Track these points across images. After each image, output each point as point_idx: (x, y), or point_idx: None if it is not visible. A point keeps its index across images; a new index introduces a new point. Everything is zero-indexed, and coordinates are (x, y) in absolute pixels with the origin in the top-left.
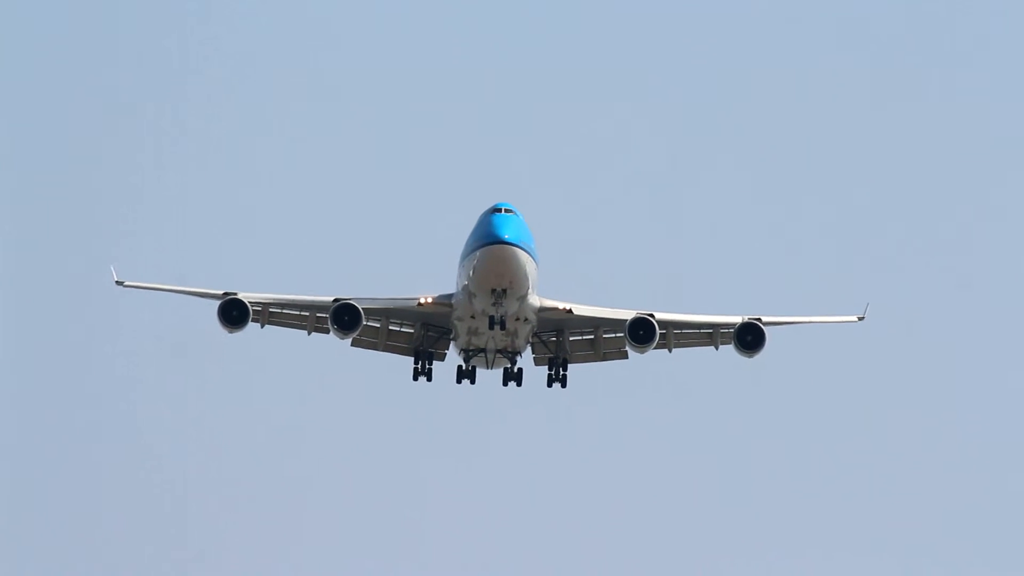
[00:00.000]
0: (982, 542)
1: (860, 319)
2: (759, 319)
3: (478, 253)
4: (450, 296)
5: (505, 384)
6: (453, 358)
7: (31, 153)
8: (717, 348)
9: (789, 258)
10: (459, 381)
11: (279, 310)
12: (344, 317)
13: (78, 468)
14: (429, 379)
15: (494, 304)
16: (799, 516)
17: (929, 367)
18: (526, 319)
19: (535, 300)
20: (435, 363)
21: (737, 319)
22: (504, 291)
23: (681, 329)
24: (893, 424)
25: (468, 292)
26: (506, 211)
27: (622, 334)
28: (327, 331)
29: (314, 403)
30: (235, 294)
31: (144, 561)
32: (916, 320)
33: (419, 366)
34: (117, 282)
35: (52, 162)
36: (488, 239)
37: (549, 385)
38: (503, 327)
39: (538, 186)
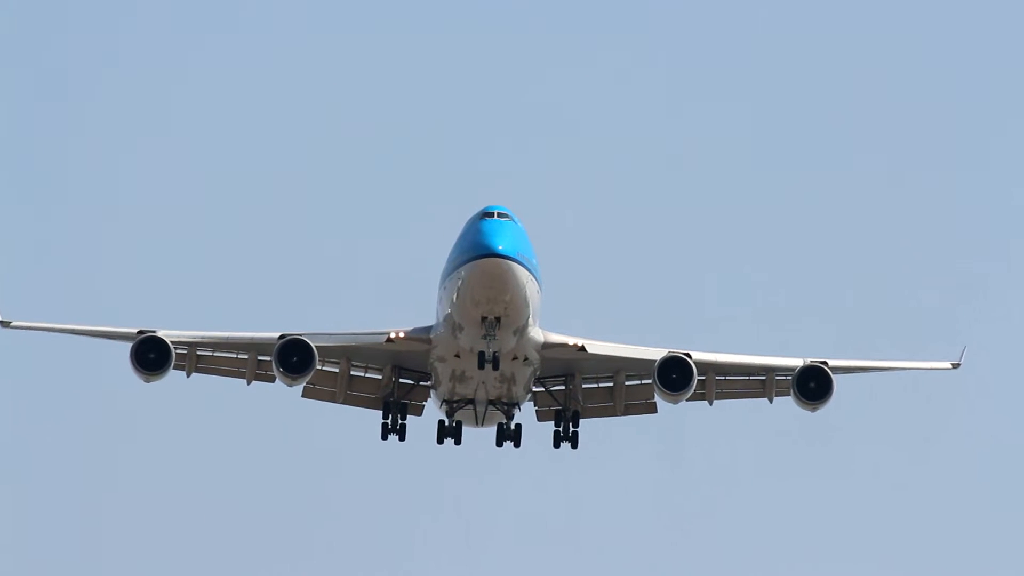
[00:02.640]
0: None
1: (955, 366)
2: (825, 362)
3: (464, 270)
4: (428, 329)
5: (499, 444)
6: (433, 411)
7: None
8: (771, 400)
9: (851, 292)
10: (440, 441)
11: (210, 352)
12: (293, 357)
13: None
14: (402, 438)
15: (485, 337)
16: None
17: None
18: (526, 358)
19: (538, 334)
20: (410, 417)
21: (797, 361)
22: (498, 320)
23: (726, 374)
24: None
25: (451, 323)
26: (500, 215)
27: (649, 380)
28: (272, 379)
29: (256, 471)
30: (153, 332)
31: None
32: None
33: (389, 421)
34: (2, 322)
35: None
36: (477, 251)
37: (556, 445)
38: (496, 367)
39: (543, 197)
